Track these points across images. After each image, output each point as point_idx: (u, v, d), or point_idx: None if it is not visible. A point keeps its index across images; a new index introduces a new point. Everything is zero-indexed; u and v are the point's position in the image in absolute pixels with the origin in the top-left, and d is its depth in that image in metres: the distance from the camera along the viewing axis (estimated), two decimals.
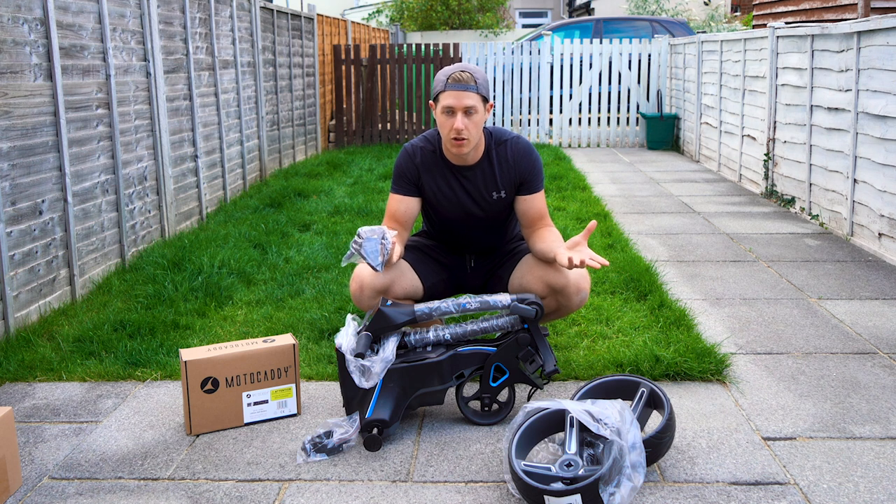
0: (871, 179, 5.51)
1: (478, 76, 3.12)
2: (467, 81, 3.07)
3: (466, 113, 3.09)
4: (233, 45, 7.40)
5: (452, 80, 3.08)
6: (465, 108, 3.08)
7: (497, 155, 3.26)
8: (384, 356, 2.86)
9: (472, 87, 3.08)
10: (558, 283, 3.20)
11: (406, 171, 3.30)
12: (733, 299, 4.51)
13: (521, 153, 3.28)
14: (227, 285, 4.61)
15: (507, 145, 3.28)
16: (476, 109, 3.09)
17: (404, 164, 3.31)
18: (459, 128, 3.08)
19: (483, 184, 3.27)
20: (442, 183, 3.29)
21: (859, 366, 3.57)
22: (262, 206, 6.89)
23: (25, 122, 4.12)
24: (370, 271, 3.19)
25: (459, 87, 3.07)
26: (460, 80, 3.07)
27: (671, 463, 2.74)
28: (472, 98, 3.08)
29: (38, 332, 3.97)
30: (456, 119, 3.08)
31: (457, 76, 3.08)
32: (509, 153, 3.27)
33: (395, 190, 3.33)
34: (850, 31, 5.82)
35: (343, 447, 2.83)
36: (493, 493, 2.58)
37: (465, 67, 3.13)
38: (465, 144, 3.14)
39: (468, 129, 3.10)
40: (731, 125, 8.83)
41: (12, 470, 2.61)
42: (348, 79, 11.48)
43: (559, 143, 12.04)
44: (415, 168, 3.29)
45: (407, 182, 3.30)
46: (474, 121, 3.10)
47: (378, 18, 22.86)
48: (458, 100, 3.07)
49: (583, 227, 6.09)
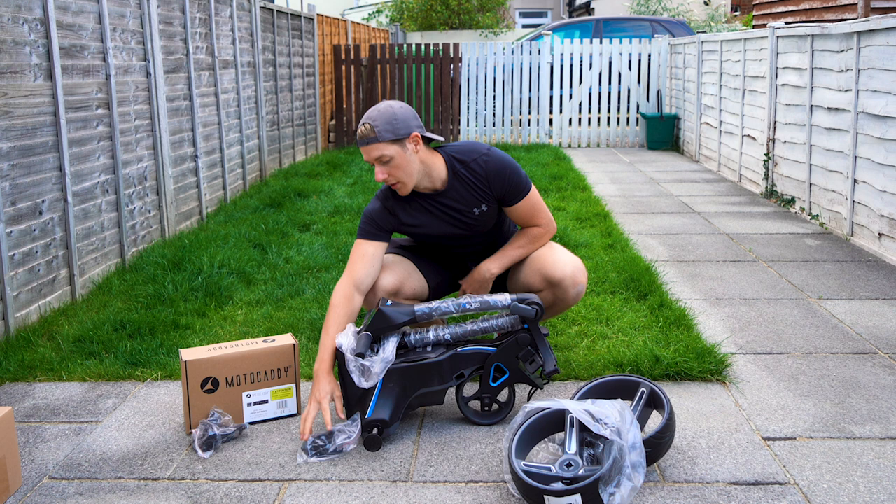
0: (871, 179, 5.51)
1: (377, 124, 3.00)
2: (367, 135, 3.02)
3: (381, 162, 3.05)
4: (233, 45, 7.40)
5: (358, 137, 3.07)
6: (376, 160, 3.05)
7: (465, 174, 3.18)
8: (384, 356, 2.86)
9: (372, 140, 3.02)
10: (555, 276, 3.20)
11: (378, 219, 3.18)
12: (733, 299, 4.51)
13: (493, 171, 3.17)
14: (227, 285, 4.61)
15: (473, 164, 3.18)
16: (387, 156, 3.02)
17: (377, 211, 3.19)
18: (381, 178, 3.07)
19: (462, 203, 3.21)
20: (421, 214, 3.22)
21: (859, 366, 3.57)
22: (262, 206, 6.89)
23: (25, 122, 4.12)
24: (381, 273, 3.21)
25: (362, 143, 3.06)
26: (362, 136, 3.04)
27: (671, 463, 2.74)
28: (377, 149, 3.02)
29: (38, 332, 3.97)
30: (377, 171, 3.08)
31: (360, 132, 3.06)
32: (479, 171, 3.18)
33: (361, 237, 3.18)
34: (850, 31, 5.82)
35: (343, 450, 2.83)
36: (493, 493, 2.58)
37: (367, 117, 3.04)
38: (400, 188, 3.11)
39: (393, 175, 3.07)
40: (731, 125, 8.83)
41: (12, 470, 2.61)
42: (348, 79, 11.48)
43: (559, 143, 12.04)
44: (387, 212, 3.20)
45: (377, 228, 3.18)
46: (395, 164, 3.04)
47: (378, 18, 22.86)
48: (367, 154, 3.06)
49: (583, 227, 6.09)
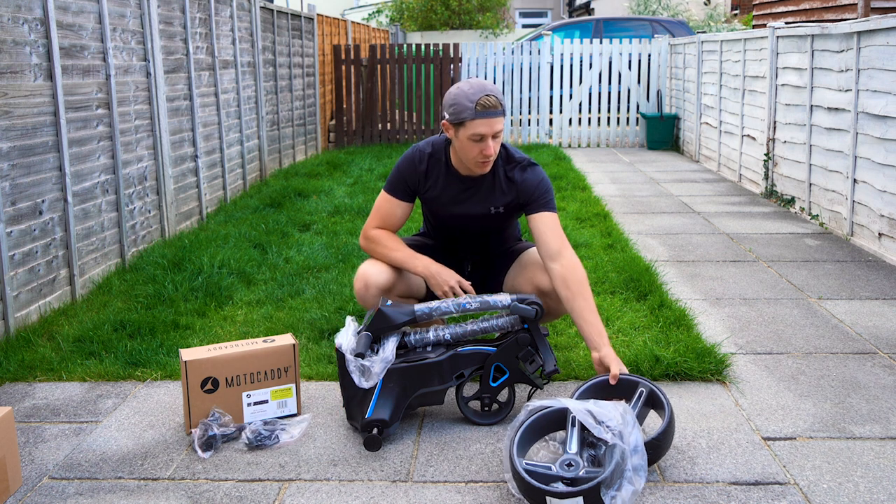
0: (871, 179, 5.51)
1: (501, 98, 3.03)
2: (496, 107, 2.98)
3: (495, 136, 3.03)
4: (233, 45, 7.40)
5: (481, 108, 2.97)
6: (496, 134, 3.03)
7: (504, 172, 3.21)
8: (384, 356, 2.86)
9: (500, 112, 3.00)
10: (546, 286, 3.20)
11: (407, 178, 3.24)
12: (733, 299, 4.51)
13: (529, 179, 3.18)
14: (227, 285, 4.61)
15: (518, 166, 3.20)
16: (501, 131, 3.05)
17: (407, 170, 3.24)
18: (490, 154, 3.04)
19: (486, 195, 3.23)
20: (445, 191, 3.24)
21: (859, 366, 3.57)
22: (262, 206, 6.89)
23: (25, 122, 4.12)
24: (376, 270, 3.20)
25: (491, 115, 2.98)
26: (489, 107, 2.97)
27: (671, 463, 2.74)
28: (501, 123, 3.02)
29: (38, 332, 3.97)
30: (487, 145, 3.02)
31: (485, 102, 2.97)
32: (517, 174, 3.19)
33: (391, 192, 3.27)
34: (850, 31, 5.82)
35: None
36: (493, 493, 2.58)
37: (487, 89, 3.00)
38: (487, 164, 3.11)
39: (495, 150, 3.06)
40: (730, 125, 8.83)
41: (12, 470, 2.61)
42: (348, 79, 11.48)
43: (559, 143, 12.04)
44: (417, 176, 3.24)
45: (405, 188, 3.25)
46: (499, 140, 3.08)
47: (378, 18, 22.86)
48: (490, 127, 2.99)
49: (583, 227, 6.10)
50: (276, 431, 2.91)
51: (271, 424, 2.95)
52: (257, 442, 2.86)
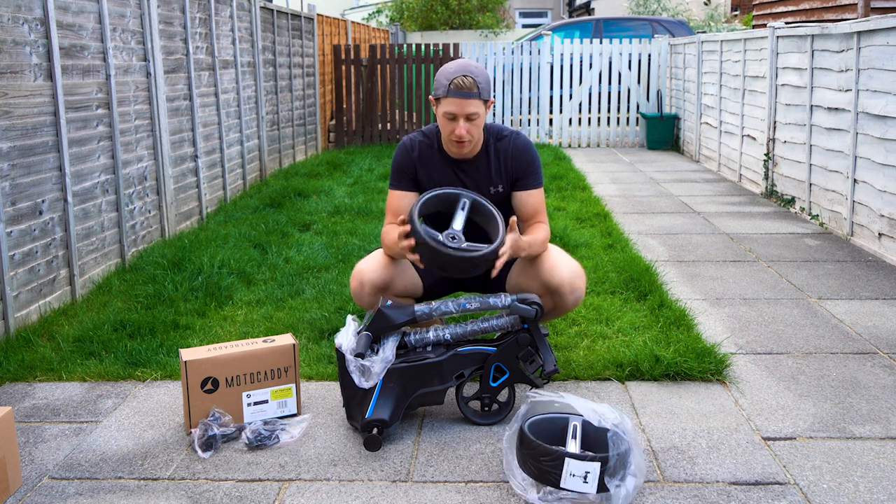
0: (871, 179, 5.51)
1: (480, 80, 3.05)
2: (469, 88, 3.01)
3: (468, 118, 3.06)
4: (233, 45, 7.40)
5: (455, 87, 3.01)
6: (467, 115, 3.05)
7: (496, 150, 3.25)
8: (384, 356, 2.86)
9: (474, 95, 3.03)
10: (553, 282, 3.20)
11: (404, 167, 3.30)
12: (733, 299, 4.51)
13: (520, 149, 3.26)
14: (227, 285, 4.61)
15: (506, 140, 3.26)
16: (476, 114, 3.06)
17: (402, 159, 3.30)
18: (461, 134, 3.07)
19: (481, 177, 3.26)
20: (440, 177, 3.27)
21: (859, 366, 3.57)
22: (262, 206, 6.89)
23: (25, 122, 4.12)
24: (371, 267, 3.19)
25: (462, 95, 3.02)
26: (462, 88, 3.01)
27: (671, 463, 2.74)
28: (474, 105, 3.04)
29: (38, 332, 3.97)
30: (458, 125, 3.06)
31: (458, 82, 3.01)
32: (509, 147, 3.25)
33: (395, 186, 3.32)
34: (850, 31, 5.82)
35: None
36: (493, 493, 2.58)
37: (468, 70, 3.04)
38: (465, 146, 3.15)
39: (469, 133, 3.09)
40: (731, 125, 8.83)
41: (12, 470, 2.61)
42: (348, 79, 11.48)
43: (559, 143, 12.04)
44: (412, 162, 3.28)
45: (406, 177, 3.30)
46: (476, 124, 3.09)
47: (378, 18, 22.86)
48: (460, 107, 3.03)
49: (583, 227, 6.09)
50: (276, 431, 2.91)
51: (271, 424, 2.95)
52: (257, 442, 2.86)
